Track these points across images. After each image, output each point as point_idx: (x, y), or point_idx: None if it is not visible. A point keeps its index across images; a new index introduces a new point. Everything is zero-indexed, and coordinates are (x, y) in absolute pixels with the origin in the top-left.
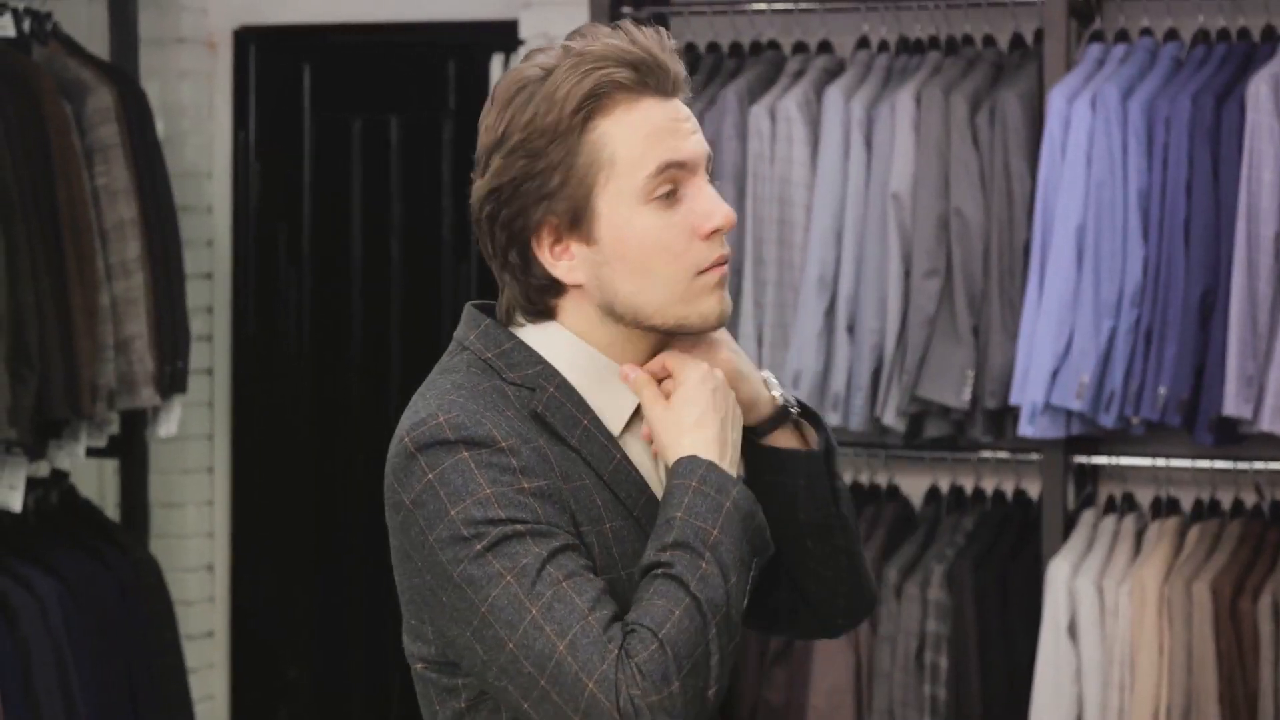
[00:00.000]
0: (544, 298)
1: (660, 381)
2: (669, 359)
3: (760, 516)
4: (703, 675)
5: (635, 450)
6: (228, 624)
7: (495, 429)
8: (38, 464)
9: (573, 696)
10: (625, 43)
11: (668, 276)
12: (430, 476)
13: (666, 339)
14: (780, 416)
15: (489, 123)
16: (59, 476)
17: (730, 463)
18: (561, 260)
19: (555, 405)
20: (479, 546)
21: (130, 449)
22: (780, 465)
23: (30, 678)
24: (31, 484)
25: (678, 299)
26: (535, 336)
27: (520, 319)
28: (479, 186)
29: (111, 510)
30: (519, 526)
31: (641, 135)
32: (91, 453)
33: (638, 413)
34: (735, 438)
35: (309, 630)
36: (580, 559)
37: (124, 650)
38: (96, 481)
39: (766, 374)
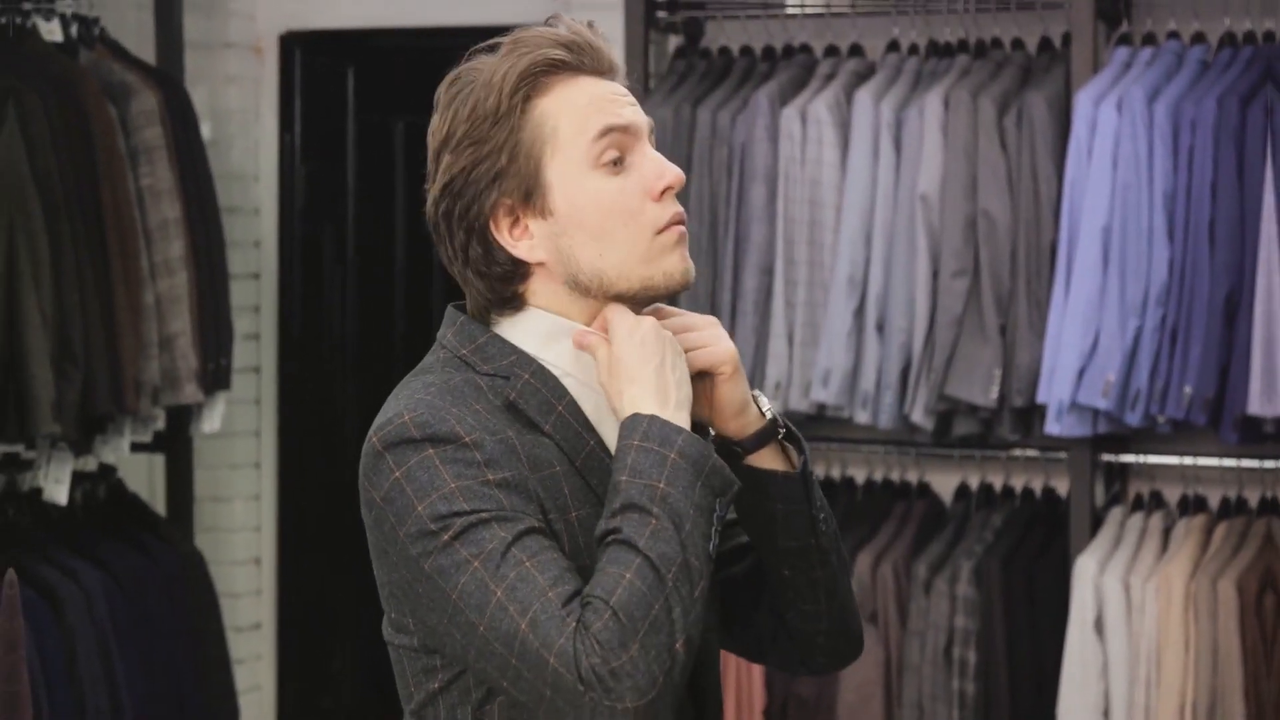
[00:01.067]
0: (511, 285)
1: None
2: (607, 311)
3: (714, 457)
4: (664, 631)
5: (612, 422)
6: (275, 616)
7: (459, 425)
8: (85, 459)
9: (540, 672)
10: (558, 29)
11: (627, 238)
12: (398, 474)
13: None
14: (767, 433)
15: (433, 127)
16: (107, 471)
17: (675, 405)
18: (521, 240)
19: (530, 391)
20: (446, 537)
21: (175, 444)
22: (758, 486)
23: (75, 668)
24: (79, 478)
25: (639, 260)
26: (510, 329)
27: (493, 317)
28: (432, 194)
29: (161, 504)
30: (484, 514)
31: (580, 106)
32: (136, 448)
33: None
34: (677, 378)
35: (353, 623)
36: (545, 540)
37: (169, 641)
38: (147, 477)
39: (757, 392)
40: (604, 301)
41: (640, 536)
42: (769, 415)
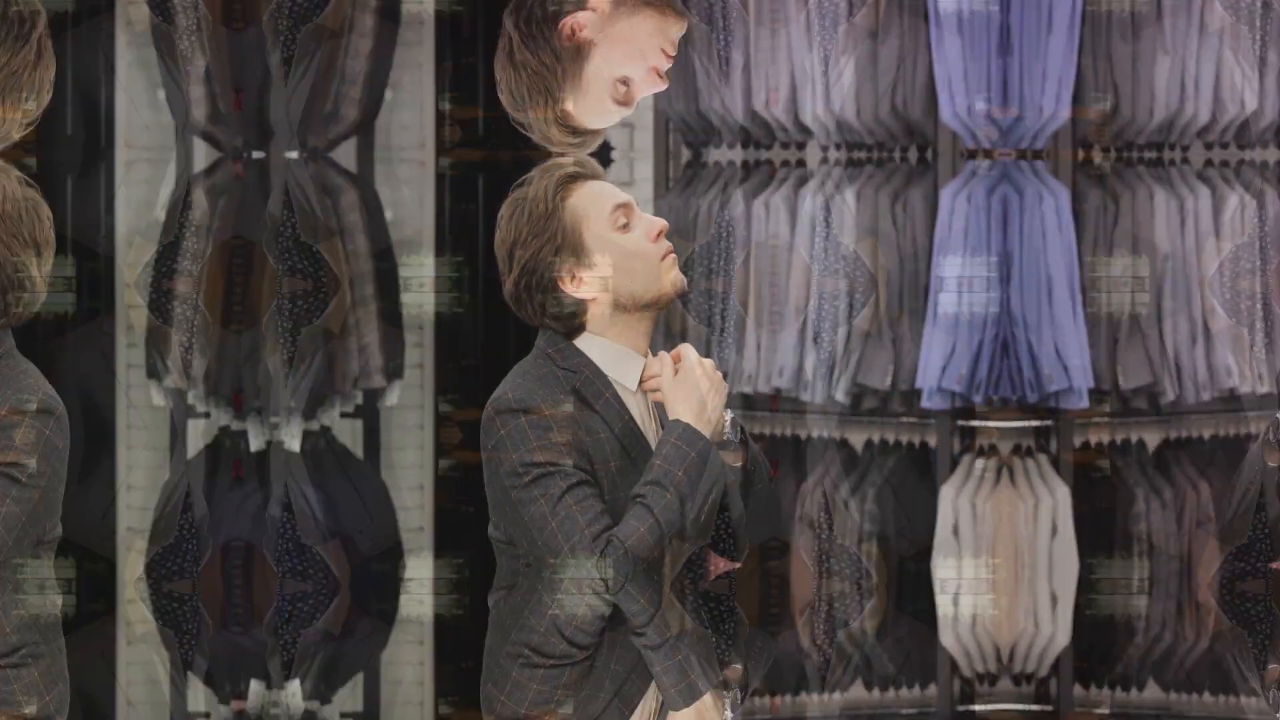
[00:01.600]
0: (576, 318)
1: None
2: (682, 349)
3: (719, 460)
4: (655, 569)
5: (639, 405)
6: (432, 522)
7: (542, 402)
8: (311, 422)
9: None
10: (565, 157)
11: (645, 268)
12: (502, 432)
13: (656, 317)
14: (723, 445)
15: (501, 237)
16: (325, 430)
17: (706, 421)
18: (580, 288)
19: (588, 383)
20: (526, 480)
21: (369, 413)
22: None
23: (304, 557)
24: (307, 435)
25: (654, 279)
26: (579, 342)
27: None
28: (511, 278)
29: (360, 451)
30: (550, 468)
31: (595, 196)
32: (344, 415)
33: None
34: (714, 404)
35: (485, 522)
36: (589, 489)
37: (364, 540)
38: (351, 434)
39: (730, 417)
40: (637, 312)
41: (656, 505)
42: (725, 436)
